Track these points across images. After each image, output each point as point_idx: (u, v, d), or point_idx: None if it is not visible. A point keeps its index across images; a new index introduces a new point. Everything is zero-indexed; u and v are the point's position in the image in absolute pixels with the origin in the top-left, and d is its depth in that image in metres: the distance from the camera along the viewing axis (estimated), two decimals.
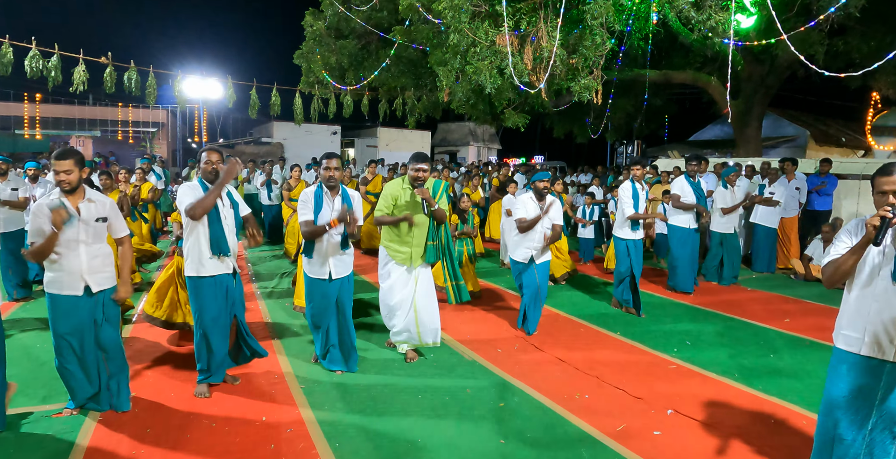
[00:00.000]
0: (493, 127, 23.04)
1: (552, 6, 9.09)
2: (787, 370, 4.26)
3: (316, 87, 15.89)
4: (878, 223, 2.16)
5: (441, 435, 3.17)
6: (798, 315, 5.69)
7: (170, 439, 3.10)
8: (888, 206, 2.20)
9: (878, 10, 9.46)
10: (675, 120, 19.45)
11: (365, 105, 17.14)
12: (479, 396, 3.72)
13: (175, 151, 25.79)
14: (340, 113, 16.52)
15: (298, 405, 3.55)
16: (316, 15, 15.06)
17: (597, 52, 8.99)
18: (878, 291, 2.31)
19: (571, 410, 3.52)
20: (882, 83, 11.18)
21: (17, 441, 3.04)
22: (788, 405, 3.63)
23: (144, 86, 13.96)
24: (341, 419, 3.37)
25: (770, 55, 11.11)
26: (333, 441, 3.09)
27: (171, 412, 3.42)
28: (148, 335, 4.81)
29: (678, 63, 13.27)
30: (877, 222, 2.16)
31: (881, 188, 2.28)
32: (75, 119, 22.38)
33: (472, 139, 29.19)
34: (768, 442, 3.13)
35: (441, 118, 19.10)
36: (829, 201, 8.30)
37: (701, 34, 8.95)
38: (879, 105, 15.47)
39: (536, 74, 9.22)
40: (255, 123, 26.98)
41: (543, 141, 30.78)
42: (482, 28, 9.17)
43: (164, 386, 3.79)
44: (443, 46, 10.65)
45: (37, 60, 12.03)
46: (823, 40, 10.04)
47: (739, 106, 12.05)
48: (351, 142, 28.47)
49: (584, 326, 5.36)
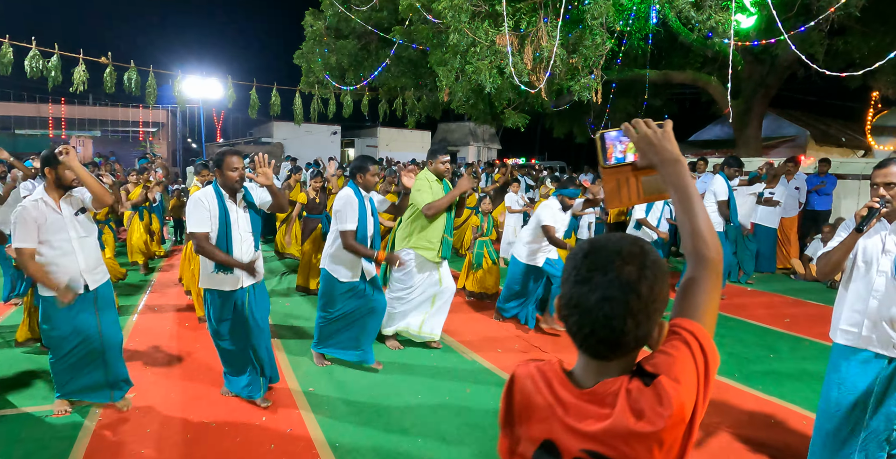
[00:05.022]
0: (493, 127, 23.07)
1: (552, 6, 9.09)
2: (787, 370, 4.25)
3: (316, 87, 15.90)
4: (865, 214, 2.23)
5: (441, 435, 3.17)
6: (798, 315, 5.69)
7: (170, 439, 3.09)
8: (877, 197, 2.27)
9: (878, 10, 9.47)
10: (675, 120, 18.89)
11: (365, 105, 17.16)
12: (479, 396, 3.72)
13: (175, 151, 25.79)
14: (340, 113, 16.53)
15: (298, 405, 3.54)
16: (316, 15, 15.08)
17: (597, 52, 8.99)
18: (877, 286, 2.33)
19: None
20: (882, 83, 11.18)
21: (16, 442, 3.04)
22: (788, 405, 3.63)
23: (144, 86, 13.98)
24: (341, 419, 3.37)
25: (770, 55, 11.11)
26: (333, 441, 3.09)
27: (172, 412, 3.42)
28: (147, 335, 4.82)
29: (678, 63, 13.27)
30: (864, 212, 2.24)
31: (874, 181, 2.37)
32: (75, 119, 22.37)
33: (472, 139, 29.20)
34: (768, 442, 3.13)
35: (441, 118, 19.12)
36: (828, 200, 8.31)
37: (701, 34, 8.95)
38: (879, 105, 15.46)
39: (536, 73, 9.22)
40: (255, 123, 27.01)
41: (543, 141, 30.80)
42: (482, 28, 9.18)
43: (165, 386, 3.79)
44: (443, 46, 10.66)
45: (37, 60, 12.04)
46: (823, 40, 10.05)
47: (739, 106, 12.05)
48: (351, 142, 28.49)
49: None
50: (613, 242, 0.94)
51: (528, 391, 1.01)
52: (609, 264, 0.90)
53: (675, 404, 0.85)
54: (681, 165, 1.10)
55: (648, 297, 0.89)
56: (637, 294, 0.88)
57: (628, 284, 0.88)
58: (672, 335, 0.94)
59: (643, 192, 1.20)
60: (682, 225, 1.09)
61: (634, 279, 0.89)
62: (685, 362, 0.90)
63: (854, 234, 2.28)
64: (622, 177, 1.20)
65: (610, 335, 0.89)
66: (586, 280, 0.90)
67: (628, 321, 0.88)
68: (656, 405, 0.86)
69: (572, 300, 0.92)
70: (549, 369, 1.01)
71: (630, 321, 0.88)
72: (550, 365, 1.02)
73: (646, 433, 0.86)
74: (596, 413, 0.91)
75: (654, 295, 0.90)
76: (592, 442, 0.90)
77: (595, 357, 0.94)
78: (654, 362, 0.91)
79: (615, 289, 0.88)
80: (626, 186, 1.20)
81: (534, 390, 1.00)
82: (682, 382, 0.87)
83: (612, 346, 0.90)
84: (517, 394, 1.04)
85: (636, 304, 0.88)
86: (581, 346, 0.94)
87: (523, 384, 1.03)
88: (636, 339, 0.90)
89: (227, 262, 3.21)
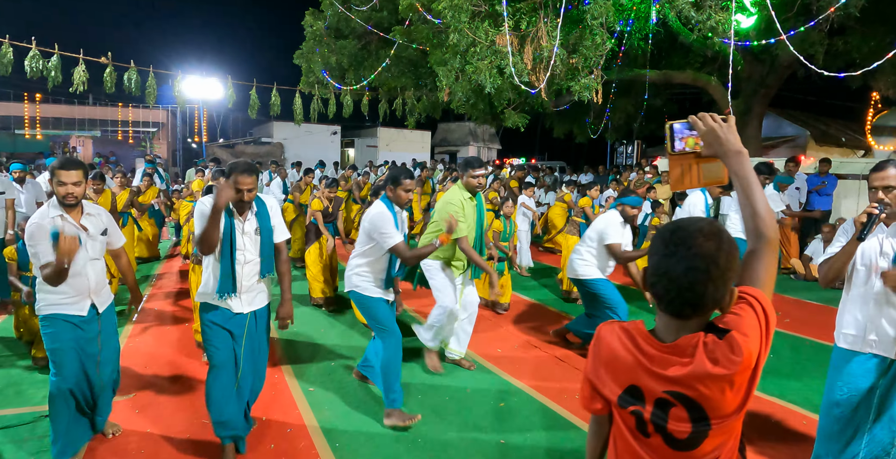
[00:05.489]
0: (493, 127, 23.05)
1: (552, 6, 9.09)
2: (787, 370, 4.25)
3: (316, 87, 15.90)
4: (865, 220, 2.20)
5: (441, 435, 3.17)
6: (798, 315, 5.69)
7: (170, 439, 3.10)
8: (876, 202, 2.25)
9: (878, 10, 9.45)
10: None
11: (365, 105, 17.14)
12: (479, 396, 3.72)
13: (175, 151, 25.79)
14: (340, 113, 16.52)
15: (298, 404, 3.55)
16: (316, 15, 15.08)
17: (597, 52, 8.99)
18: (876, 289, 2.32)
19: (571, 410, 3.52)
20: (882, 83, 11.16)
21: (21, 441, 3.04)
22: (788, 405, 3.63)
23: (144, 86, 13.96)
24: (341, 419, 3.37)
25: (770, 55, 11.11)
26: (333, 440, 3.10)
27: (172, 411, 3.42)
28: (147, 334, 4.82)
29: (678, 63, 13.26)
30: (864, 218, 2.21)
31: (872, 184, 2.35)
32: (75, 119, 22.37)
33: (472, 139, 29.20)
34: (768, 442, 3.13)
35: (441, 118, 19.10)
36: (828, 200, 8.30)
37: (701, 34, 8.95)
38: (879, 105, 15.44)
39: (536, 73, 9.22)
40: (255, 123, 27.00)
41: (543, 141, 30.77)
42: (482, 28, 9.17)
43: (164, 386, 3.79)
44: (443, 46, 10.65)
45: (37, 60, 12.03)
46: (823, 40, 10.04)
47: (739, 106, 12.05)
48: (351, 142, 28.49)
49: None
50: (694, 222, 1.13)
51: (613, 347, 1.22)
52: (692, 241, 1.09)
53: (745, 352, 1.07)
54: (743, 156, 1.29)
55: (725, 267, 1.08)
56: (716, 264, 1.07)
57: (709, 256, 1.07)
58: (739, 299, 1.15)
59: (703, 178, 1.37)
60: (745, 208, 1.29)
61: (713, 252, 1.08)
62: (751, 320, 1.12)
63: (854, 241, 2.27)
64: (686, 164, 1.36)
65: (693, 298, 1.09)
66: (673, 254, 1.10)
67: (709, 286, 1.08)
68: (729, 353, 1.08)
69: (660, 270, 1.12)
70: (632, 328, 1.22)
71: (710, 286, 1.08)
72: (634, 325, 1.23)
73: (721, 375, 1.08)
74: (678, 362, 1.12)
75: (729, 265, 1.09)
76: (675, 385, 1.13)
77: (678, 317, 1.14)
78: (725, 320, 1.13)
79: (698, 260, 1.07)
80: (689, 172, 1.36)
81: (620, 346, 1.21)
82: (750, 336, 1.09)
83: (694, 307, 1.10)
84: (603, 349, 1.25)
85: (715, 272, 1.07)
86: (667, 308, 1.14)
87: (608, 341, 1.24)
88: (714, 301, 1.10)
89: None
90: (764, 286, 1.21)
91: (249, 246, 2.91)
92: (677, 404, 1.13)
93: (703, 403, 1.11)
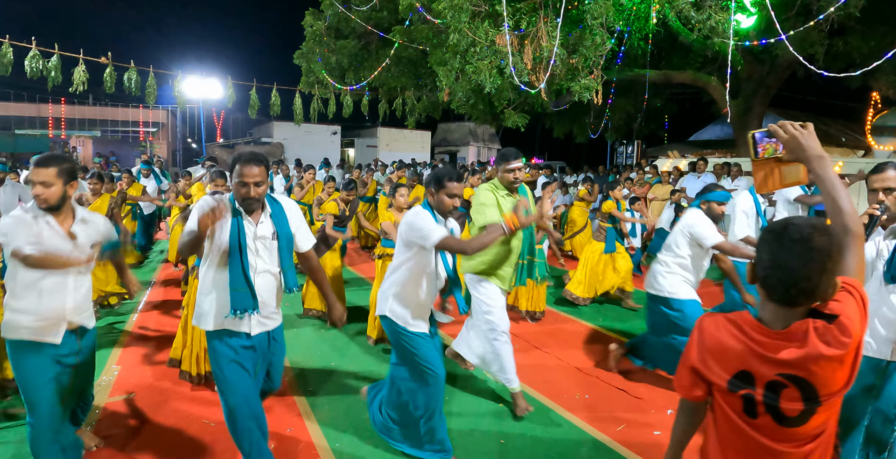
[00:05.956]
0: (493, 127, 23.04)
1: (552, 6, 9.09)
2: None
3: (316, 87, 15.89)
4: (867, 222, 2.20)
5: None
6: None
7: (169, 439, 3.10)
8: (877, 203, 2.26)
9: (878, 10, 9.46)
10: (675, 120, 19.40)
11: (365, 105, 17.14)
12: (479, 396, 3.72)
13: (175, 151, 25.80)
14: (340, 113, 16.51)
15: (298, 404, 3.55)
16: (316, 15, 15.08)
17: (597, 53, 8.99)
18: (871, 290, 2.33)
19: (571, 410, 3.52)
20: (882, 83, 11.16)
21: (16, 441, 3.04)
22: None
23: (144, 86, 13.96)
24: (341, 420, 3.37)
25: (770, 55, 11.11)
26: (333, 441, 3.09)
27: (171, 411, 3.42)
28: (147, 333, 4.82)
29: (678, 63, 13.27)
30: (864, 220, 2.21)
31: (872, 186, 2.35)
32: (75, 119, 22.38)
33: (472, 139, 29.20)
34: None
35: (441, 118, 19.09)
36: None
37: (701, 34, 8.95)
38: (879, 105, 15.43)
39: (536, 74, 9.21)
40: (255, 123, 27.00)
41: (543, 141, 30.75)
42: (482, 28, 9.17)
43: (163, 386, 3.79)
44: (443, 46, 10.64)
45: (37, 60, 12.03)
46: (823, 40, 10.03)
47: (739, 106, 12.05)
48: (351, 142, 28.49)
49: (585, 326, 5.36)
50: (805, 220, 1.25)
51: (719, 337, 1.34)
52: (809, 236, 1.21)
53: (853, 333, 1.22)
54: (825, 159, 1.42)
55: (836, 259, 1.22)
56: (830, 258, 1.21)
57: (823, 250, 1.21)
58: (840, 289, 1.28)
59: (784, 179, 1.52)
60: (830, 206, 1.42)
61: (828, 247, 1.21)
62: (853, 306, 1.26)
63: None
64: (768, 168, 1.52)
65: (809, 287, 1.22)
66: (790, 249, 1.23)
67: (823, 277, 1.21)
68: (840, 335, 1.22)
69: (776, 263, 1.25)
70: (738, 318, 1.34)
71: (824, 276, 1.21)
72: (740, 315, 1.35)
73: (834, 355, 1.21)
74: (790, 346, 1.24)
75: (839, 258, 1.24)
76: (788, 368, 1.25)
77: (790, 305, 1.26)
78: (830, 306, 1.26)
79: (815, 254, 1.20)
80: (771, 175, 1.52)
81: (727, 335, 1.33)
82: (853, 319, 1.24)
83: (808, 295, 1.24)
84: (708, 339, 1.36)
85: (830, 265, 1.21)
86: (780, 298, 1.26)
87: (713, 332, 1.36)
88: (824, 290, 1.23)
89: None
90: (857, 275, 1.35)
91: (264, 254, 2.45)
92: (790, 385, 1.25)
93: (815, 382, 1.23)
